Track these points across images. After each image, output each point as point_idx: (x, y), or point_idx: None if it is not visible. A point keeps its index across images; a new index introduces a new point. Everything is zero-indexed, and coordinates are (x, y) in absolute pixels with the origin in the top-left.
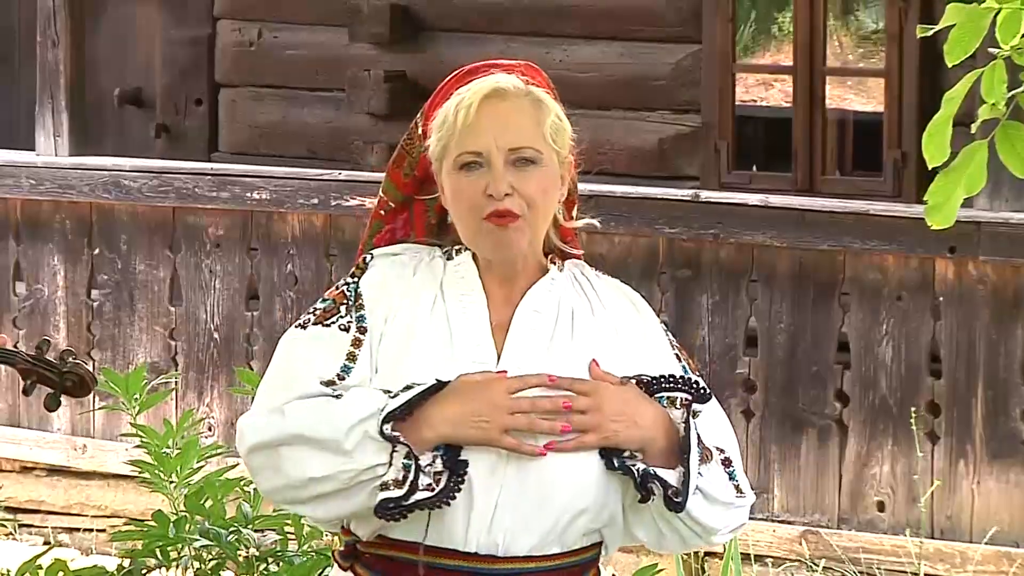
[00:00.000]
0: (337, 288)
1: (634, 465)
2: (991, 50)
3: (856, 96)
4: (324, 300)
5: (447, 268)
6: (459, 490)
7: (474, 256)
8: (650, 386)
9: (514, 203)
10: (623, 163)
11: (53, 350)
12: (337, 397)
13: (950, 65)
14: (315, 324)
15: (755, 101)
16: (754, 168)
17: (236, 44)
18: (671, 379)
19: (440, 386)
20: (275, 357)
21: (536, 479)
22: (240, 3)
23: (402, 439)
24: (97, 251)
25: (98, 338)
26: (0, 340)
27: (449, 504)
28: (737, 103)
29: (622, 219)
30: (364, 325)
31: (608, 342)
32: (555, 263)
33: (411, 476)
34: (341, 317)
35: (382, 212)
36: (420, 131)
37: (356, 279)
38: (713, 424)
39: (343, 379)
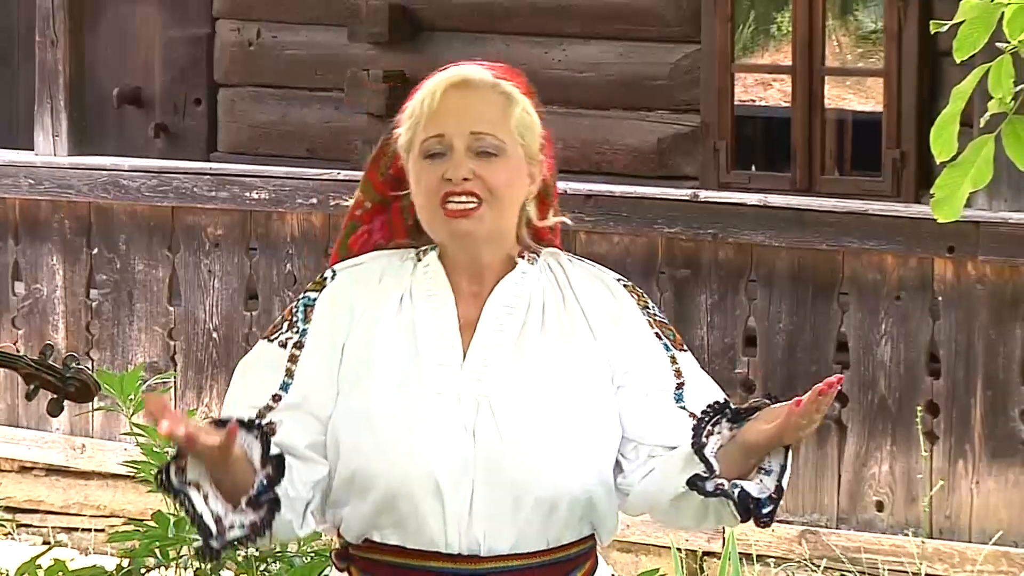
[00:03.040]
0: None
1: (722, 487)
2: (998, 44)
3: (855, 96)
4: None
5: (416, 269)
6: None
7: (443, 254)
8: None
9: (475, 186)
10: (622, 163)
11: (55, 353)
12: (267, 424)
13: (958, 61)
14: (263, 338)
15: (754, 101)
16: (753, 168)
17: (235, 44)
18: (710, 411)
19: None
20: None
21: (507, 476)
22: (239, 3)
23: (182, 486)
24: (96, 251)
25: (97, 338)
26: (5, 346)
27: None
28: (736, 103)
29: (621, 219)
30: (303, 340)
31: (580, 333)
32: (524, 256)
33: (210, 522)
34: (283, 333)
35: (358, 212)
36: (396, 129)
37: (315, 294)
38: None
39: (281, 398)
